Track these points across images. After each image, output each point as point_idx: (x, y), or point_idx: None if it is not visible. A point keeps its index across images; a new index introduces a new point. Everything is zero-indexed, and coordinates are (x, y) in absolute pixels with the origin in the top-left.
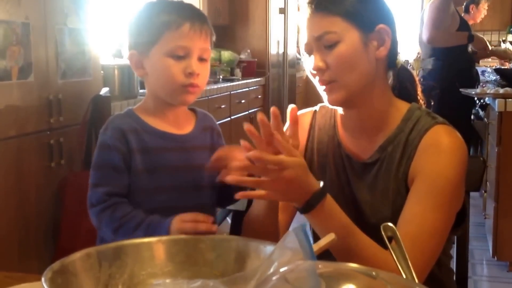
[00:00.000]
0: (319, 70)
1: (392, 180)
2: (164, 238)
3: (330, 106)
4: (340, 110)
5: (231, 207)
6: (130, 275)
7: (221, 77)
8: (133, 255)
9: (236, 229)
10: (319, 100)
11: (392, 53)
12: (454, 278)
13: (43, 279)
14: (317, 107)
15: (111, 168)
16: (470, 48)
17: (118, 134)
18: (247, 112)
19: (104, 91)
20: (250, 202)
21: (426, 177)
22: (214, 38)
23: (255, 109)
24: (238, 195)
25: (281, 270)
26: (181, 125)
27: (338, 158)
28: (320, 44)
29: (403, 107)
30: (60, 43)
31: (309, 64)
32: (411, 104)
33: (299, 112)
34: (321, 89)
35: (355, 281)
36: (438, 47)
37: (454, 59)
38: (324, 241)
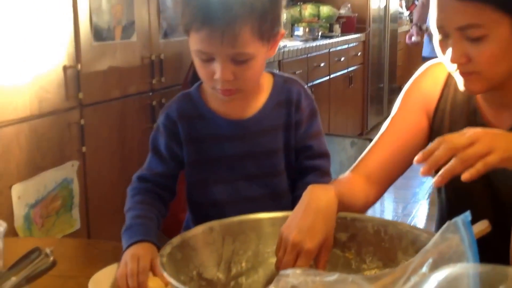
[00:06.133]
0: (459, 63)
1: None
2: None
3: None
4: None
5: None
6: (254, 252)
7: (319, 34)
8: (258, 230)
9: None
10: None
11: None
12: None
13: (160, 253)
14: None
15: (154, 153)
16: None
17: (169, 122)
18: (346, 70)
19: None
20: None
21: None
22: (264, 28)
23: (355, 67)
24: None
25: (436, 277)
26: (251, 104)
27: (472, 126)
28: (462, 34)
29: None
30: (161, 0)
31: (443, 48)
32: None
33: (431, 62)
34: (457, 74)
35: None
36: None
37: None
38: (475, 229)
